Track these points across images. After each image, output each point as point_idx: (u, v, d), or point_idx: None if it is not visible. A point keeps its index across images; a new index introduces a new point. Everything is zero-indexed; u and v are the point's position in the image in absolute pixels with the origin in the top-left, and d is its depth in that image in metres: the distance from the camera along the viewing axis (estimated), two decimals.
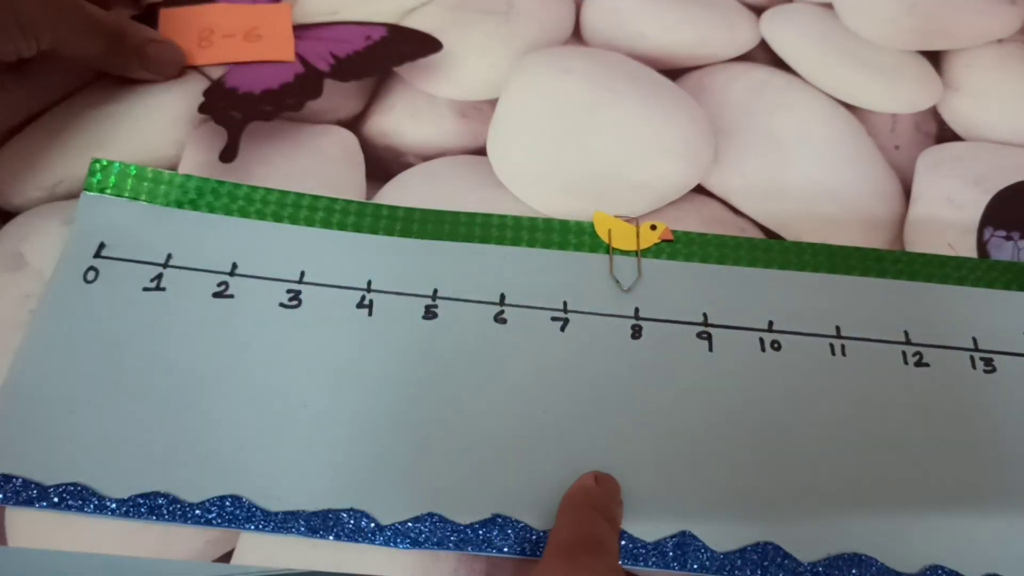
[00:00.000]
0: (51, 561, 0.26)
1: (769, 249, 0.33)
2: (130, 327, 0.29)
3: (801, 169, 0.36)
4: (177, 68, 0.37)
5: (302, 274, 0.31)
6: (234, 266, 0.31)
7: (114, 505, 0.26)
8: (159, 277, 0.30)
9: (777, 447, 0.28)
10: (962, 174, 0.36)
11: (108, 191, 0.32)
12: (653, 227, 0.33)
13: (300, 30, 0.39)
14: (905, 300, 0.32)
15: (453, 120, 0.37)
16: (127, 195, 0.32)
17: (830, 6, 0.42)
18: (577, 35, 0.40)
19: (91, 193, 0.32)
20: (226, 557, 0.26)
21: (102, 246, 0.31)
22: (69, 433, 0.27)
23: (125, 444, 0.27)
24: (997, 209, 0.35)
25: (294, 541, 0.26)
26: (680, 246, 0.32)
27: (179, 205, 0.32)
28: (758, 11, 0.42)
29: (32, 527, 0.26)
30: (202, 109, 0.36)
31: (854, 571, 0.26)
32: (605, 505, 0.26)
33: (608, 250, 0.32)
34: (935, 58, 0.40)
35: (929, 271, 0.32)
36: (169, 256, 0.31)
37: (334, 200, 0.33)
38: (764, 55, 0.40)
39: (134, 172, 0.32)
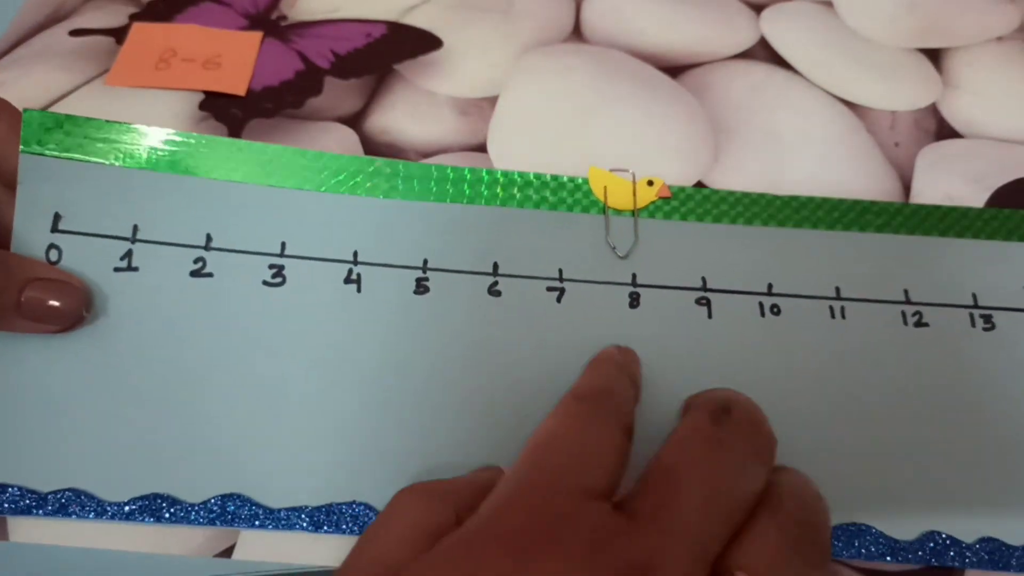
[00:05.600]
0: (51, 556, 0.26)
1: (769, 204, 0.32)
2: (106, 314, 0.28)
3: (801, 166, 0.36)
4: (72, 318, 0.27)
5: (283, 246, 0.29)
6: (208, 238, 0.29)
7: (114, 509, 0.25)
8: (129, 254, 0.28)
9: (776, 414, 0.27)
10: (962, 171, 0.36)
11: (52, 150, 0.28)
12: (650, 183, 0.32)
13: (300, 28, 0.39)
14: (906, 256, 0.31)
15: (453, 117, 0.37)
16: (77, 154, 0.29)
17: (830, 4, 0.42)
18: (577, 33, 0.40)
19: (32, 154, 0.28)
20: (227, 552, 0.26)
21: (58, 218, 0.28)
22: (59, 437, 0.26)
23: (119, 445, 0.26)
24: (997, 206, 0.35)
25: (295, 535, 0.26)
26: (677, 203, 0.31)
27: (137, 165, 0.29)
28: (758, 9, 0.42)
29: (33, 522, 0.26)
30: (202, 106, 0.36)
31: (855, 542, 0.26)
32: (626, 364, 0.27)
33: (603, 210, 0.31)
34: (935, 56, 0.40)
35: (930, 223, 0.32)
36: (136, 228, 0.28)
37: (303, 153, 0.31)
38: (764, 53, 0.40)
39: (81, 125, 0.29)
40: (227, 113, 0.36)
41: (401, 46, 0.39)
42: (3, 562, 0.26)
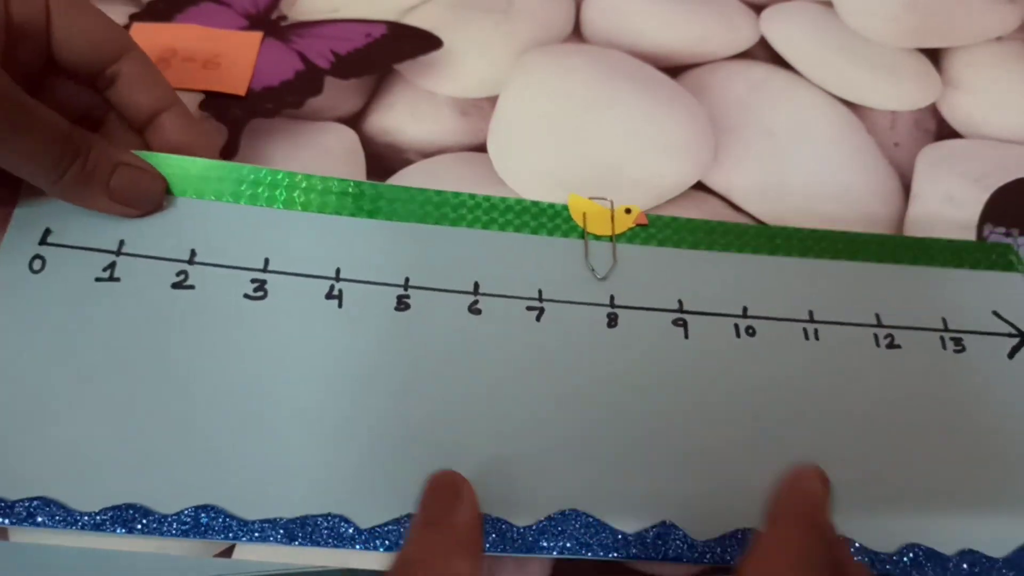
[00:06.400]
0: (51, 556, 0.26)
1: (743, 234, 0.32)
2: (84, 322, 0.28)
3: (801, 167, 0.36)
4: (153, 203, 0.30)
5: (266, 262, 0.29)
6: (192, 253, 0.29)
7: (85, 519, 0.25)
8: (112, 266, 0.28)
9: (754, 432, 0.28)
10: (962, 171, 0.36)
11: None
12: (628, 211, 0.32)
13: (300, 28, 0.39)
14: (876, 283, 0.32)
15: (453, 117, 0.37)
16: None
17: (830, 4, 0.42)
18: (577, 33, 0.41)
19: None
20: (227, 552, 0.26)
21: (48, 232, 0.29)
22: (29, 443, 0.26)
23: (90, 452, 0.26)
24: (996, 206, 0.35)
25: None
26: (654, 230, 0.32)
27: None
28: (758, 9, 0.42)
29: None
30: (203, 106, 0.36)
31: None
32: (830, 527, 0.22)
33: (583, 235, 0.32)
34: (935, 55, 0.40)
35: (899, 253, 0.33)
36: (121, 243, 0.29)
37: (293, 175, 0.31)
38: (764, 53, 0.40)
39: None
40: (227, 113, 0.36)
41: (401, 46, 0.39)
42: (3, 562, 0.26)
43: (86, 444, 0.26)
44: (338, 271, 0.29)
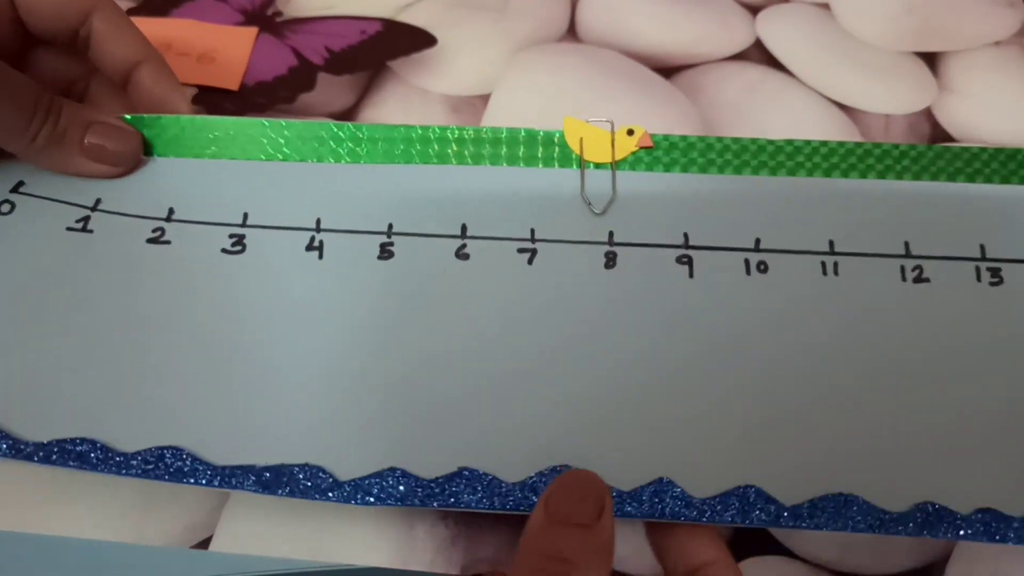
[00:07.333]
0: (24, 544, 0.26)
1: (759, 151, 0.30)
2: (51, 265, 0.27)
3: None
4: (131, 160, 0.29)
5: (245, 216, 0.28)
6: (170, 211, 0.29)
7: (31, 448, 0.24)
8: (86, 219, 0.28)
9: (762, 381, 0.26)
10: None
11: None
12: (630, 132, 0.30)
13: (295, 24, 0.40)
14: (908, 204, 0.28)
15: (445, 115, 0.37)
16: None
17: (827, 6, 0.42)
18: (572, 32, 0.40)
19: None
20: (204, 543, 0.26)
21: (21, 183, 0.29)
22: None
23: (47, 385, 0.25)
24: None
25: (272, 528, 0.26)
26: (660, 153, 0.30)
27: None
28: (754, 10, 0.42)
29: (5, 510, 0.26)
30: (195, 100, 0.36)
31: (841, 513, 0.24)
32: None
33: (579, 164, 0.29)
34: (931, 59, 0.40)
35: (938, 167, 0.29)
36: (98, 200, 0.29)
37: (272, 123, 0.30)
38: (759, 54, 0.40)
39: None
40: (219, 107, 0.36)
41: (395, 43, 0.39)
42: None
43: (44, 375, 0.25)
44: (319, 221, 0.29)
